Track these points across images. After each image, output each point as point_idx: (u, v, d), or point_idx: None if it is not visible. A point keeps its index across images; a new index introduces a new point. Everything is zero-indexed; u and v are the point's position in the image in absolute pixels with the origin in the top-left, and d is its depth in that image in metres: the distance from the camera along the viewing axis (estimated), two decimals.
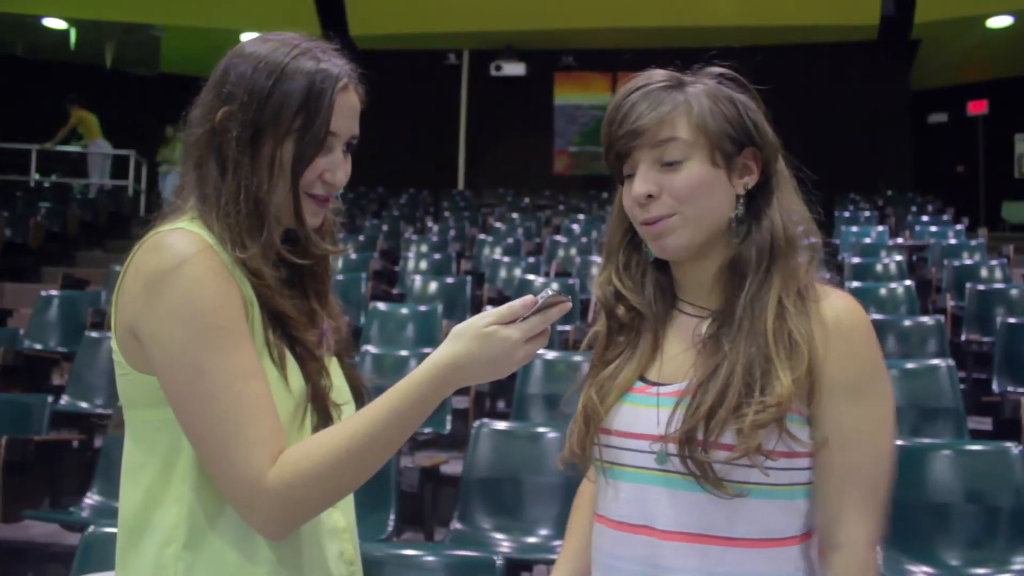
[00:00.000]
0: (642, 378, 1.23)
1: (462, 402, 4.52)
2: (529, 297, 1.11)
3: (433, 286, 6.31)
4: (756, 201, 1.21)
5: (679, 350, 1.22)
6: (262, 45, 1.18)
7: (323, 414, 1.17)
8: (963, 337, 5.34)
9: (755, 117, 1.21)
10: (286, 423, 1.12)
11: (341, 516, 1.22)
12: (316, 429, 1.16)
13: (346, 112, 1.18)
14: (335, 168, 1.19)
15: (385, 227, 9.67)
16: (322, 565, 1.17)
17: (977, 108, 14.56)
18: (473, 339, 1.09)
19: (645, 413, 1.19)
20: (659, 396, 1.19)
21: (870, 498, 1.16)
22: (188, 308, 1.08)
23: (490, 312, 1.11)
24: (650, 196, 1.18)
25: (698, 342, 1.19)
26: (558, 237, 8.47)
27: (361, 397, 1.29)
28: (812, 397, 1.15)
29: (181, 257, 1.09)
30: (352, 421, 1.10)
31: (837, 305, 1.17)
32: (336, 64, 1.18)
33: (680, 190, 1.17)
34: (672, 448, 1.14)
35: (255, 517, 1.07)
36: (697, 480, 1.12)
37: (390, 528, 3.09)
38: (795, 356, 1.13)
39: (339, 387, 1.24)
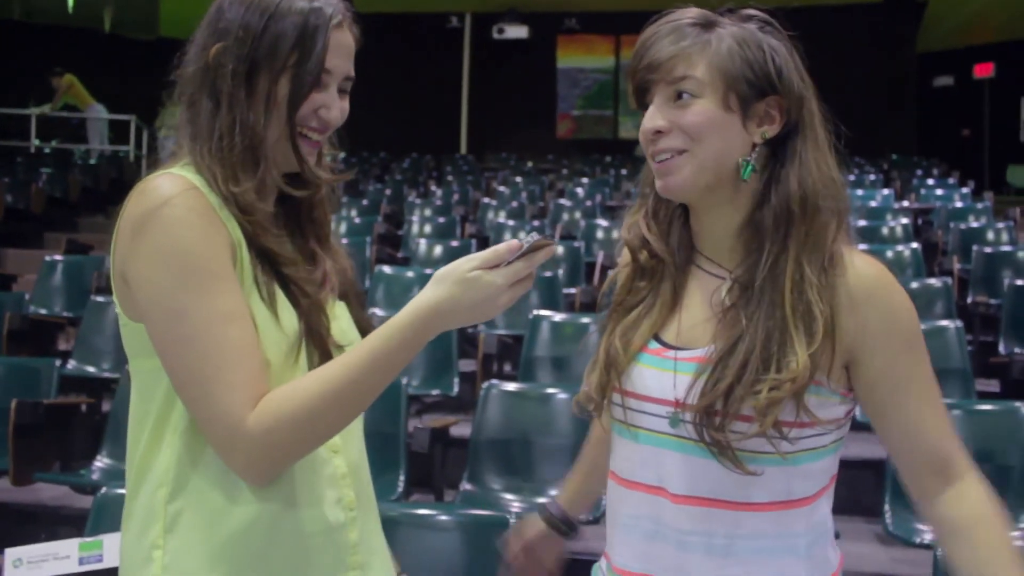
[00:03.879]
0: (657, 338, 1.21)
1: (469, 365, 4.52)
2: (514, 241, 1.08)
3: (438, 249, 6.30)
4: (777, 155, 1.17)
5: (699, 315, 1.19)
6: None
7: (323, 352, 1.16)
8: (970, 299, 5.33)
9: (781, 64, 1.16)
10: (279, 363, 1.11)
11: (343, 462, 1.20)
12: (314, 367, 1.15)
13: (340, 50, 1.17)
14: (330, 104, 1.18)
15: (388, 191, 9.64)
16: (318, 511, 1.15)
17: (983, 71, 14.42)
18: (456, 284, 1.08)
19: (661, 377, 1.18)
20: (676, 361, 1.18)
21: (953, 427, 1.19)
22: (168, 249, 1.07)
23: (474, 256, 1.09)
24: (659, 132, 1.16)
25: (718, 309, 1.17)
26: (562, 201, 8.44)
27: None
28: (853, 369, 1.15)
29: (163, 198, 1.08)
30: (333, 364, 1.09)
31: (861, 271, 1.15)
32: (329, 3, 1.17)
33: (690, 126, 1.14)
34: (687, 415, 1.14)
35: (236, 461, 1.07)
36: (712, 452, 1.12)
37: (400, 489, 3.10)
38: (812, 328, 1.11)
39: (344, 329, 1.23)
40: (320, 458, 1.16)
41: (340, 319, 1.24)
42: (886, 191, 8.47)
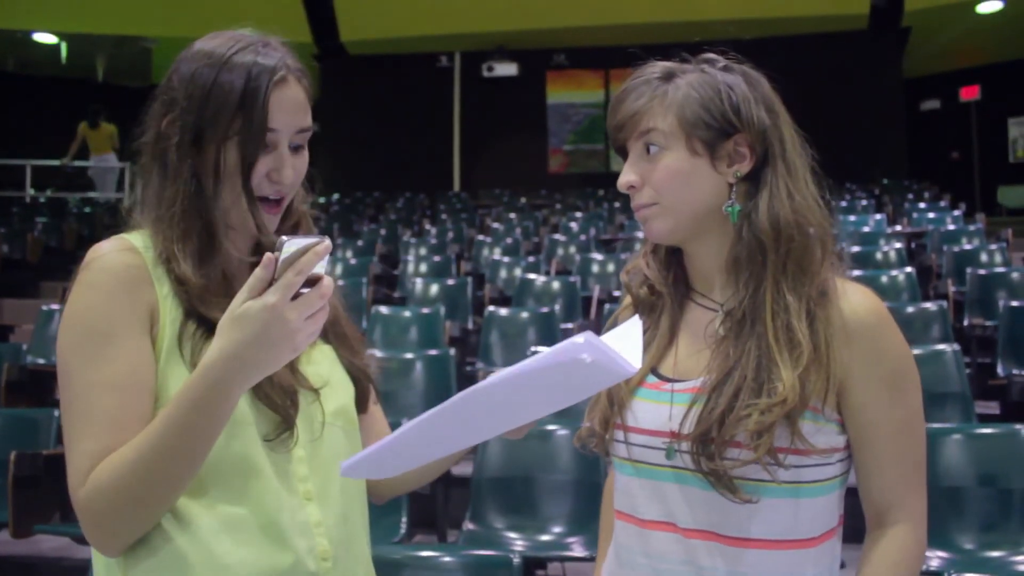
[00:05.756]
0: (655, 371, 1.23)
1: None
2: (267, 255, 0.97)
3: (434, 288, 6.30)
4: (752, 190, 1.19)
5: (693, 348, 1.21)
6: (207, 43, 1.17)
7: (270, 403, 1.13)
8: (966, 322, 5.34)
9: (738, 101, 1.17)
10: None
11: (316, 509, 1.15)
12: (276, 422, 1.13)
13: (285, 106, 1.14)
14: (280, 166, 1.15)
15: (383, 231, 9.66)
16: (286, 560, 1.11)
17: (969, 94, 14.59)
18: (232, 325, 0.99)
19: (658, 409, 1.19)
20: (673, 393, 1.19)
21: (920, 478, 1.19)
22: (71, 312, 1.10)
23: (240, 292, 1.00)
24: (632, 186, 1.20)
25: (712, 341, 1.18)
26: (557, 236, 8.46)
27: (358, 381, 1.27)
28: (840, 398, 1.15)
29: (87, 262, 1.12)
30: (142, 433, 1.05)
31: (855, 303, 1.15)
32: (273, 57, 1.14)
33: (656, 180, 1.18)
34: (684, 445, 1.14)
35: (83, 530, 1.07)
36: (709, 481, 1.12)
37: (402, 531, 3.09)
38: (796, 353, 1.11)
39: (323, 373, 1.21)
40: (290, 505, 1.13)
41: (319, 363, 1.22)
42: (878, 216, 8.51)
